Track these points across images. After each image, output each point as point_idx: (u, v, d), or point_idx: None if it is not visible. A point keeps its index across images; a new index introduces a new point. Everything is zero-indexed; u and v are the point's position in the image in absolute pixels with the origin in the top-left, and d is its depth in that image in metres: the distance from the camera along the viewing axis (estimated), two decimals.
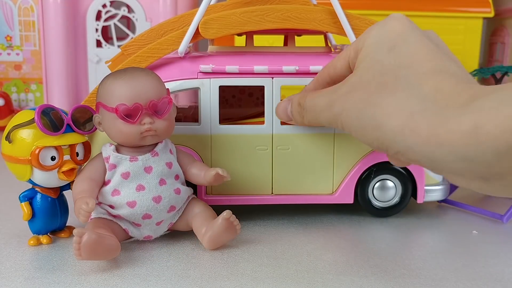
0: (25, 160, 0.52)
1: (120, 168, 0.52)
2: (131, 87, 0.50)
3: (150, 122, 0.50)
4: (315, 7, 0.63)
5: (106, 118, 0.52)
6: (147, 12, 1.19)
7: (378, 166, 0.63)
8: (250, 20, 0.60)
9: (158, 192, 0.52)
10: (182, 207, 0.56)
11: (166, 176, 0.53)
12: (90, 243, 0.47)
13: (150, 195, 0.52)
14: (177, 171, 0.55)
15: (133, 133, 0.50)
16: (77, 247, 0.47)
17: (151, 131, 0.51)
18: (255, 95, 0.84)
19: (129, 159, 0.52)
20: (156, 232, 0.55)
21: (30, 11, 1.26)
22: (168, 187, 0.53)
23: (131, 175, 0.52)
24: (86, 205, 0.48)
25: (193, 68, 0.60)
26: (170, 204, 0.53)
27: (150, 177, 0.52)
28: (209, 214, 0.55)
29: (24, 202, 0.55)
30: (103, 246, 0.48)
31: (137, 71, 0.52)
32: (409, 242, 0.59)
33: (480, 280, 0.50)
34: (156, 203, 0.52)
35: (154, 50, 0.60)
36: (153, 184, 0.52)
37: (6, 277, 0.48)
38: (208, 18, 0.60)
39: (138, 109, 0.50)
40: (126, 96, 0.50)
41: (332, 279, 0.49)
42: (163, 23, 0.67)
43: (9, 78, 1.28)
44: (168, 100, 0.52)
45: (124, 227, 0.54)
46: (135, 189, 0.52)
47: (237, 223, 0.53)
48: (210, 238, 0.53)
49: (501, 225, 0.65)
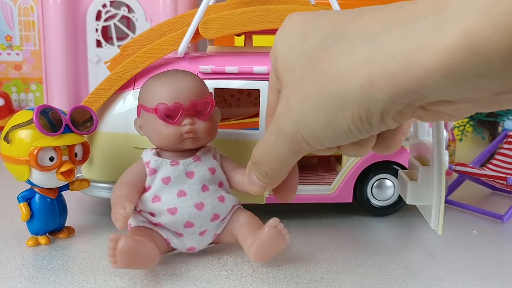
0: (24, 161, 0.52)
1: (160, 172, 0.50)
2: (171, 86, 0.49)
3: (191, 123, 0.48)
4: (314, 7, 0.63)
5: (146, 120, 0.50)
6: (147, 12, 1.19)
7: (376, 166, 0.63)
8: (249, 20, 0.60)
9: (200, 198, 0.49)
10: (227, 217, 0.52)
11: (209, 183, 0.50)
12: (126, 250, 0.43)
13: (192, 201, 0.49)
14: (220, 178, 0.52)
15: (173, 134, 0.48)
16: (112, 253, 0.43)
17: (191, 133, 0.48)
18: (254, 95, 0.84)
19: (170, 163, 0.50)
20: (200, 244, 0.51)
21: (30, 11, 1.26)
22: (211, 193, 0.50)
23: (172, 180, 0.49)
24: (124, 209, 0.45)
25: (192, 68, 0.60)
26: (214, 212, 0.50)
27: (192, 183, 0.50)
28: (256, 224, 0.51)
29: (22, 202, 0.54)
30: (141, 254, 0.45)
31: (179, 72, 0.51)
32: (409, 242, 0.58)
33: (480, 280, 0.50)
34: (198, 210, 0.49)
35: (154, 50, 0.60)
36: (195, 190, 0.49)
37: (6, 277, 0.48)
38: (207, 18, 0.60)
39: (178, 109, 0.48)
40: (167, 96, 0.48)
41: (332, 279, 0.49)
42: (163, 24, 0.67)
43: (9, 78, 1.28)
44: (210, 100, 0.49)
45: (165, 237, 0.50)
46: (176, 194, 0.49)
47: (286, 232, 0.48)
48: (257, 250, 0.48)
49: (501, 225, 0.65)
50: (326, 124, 0.32)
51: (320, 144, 0.34)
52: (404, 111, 0.30)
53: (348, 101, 0.30)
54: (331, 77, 0.31)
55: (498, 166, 0.77)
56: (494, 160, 0.79)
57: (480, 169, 0.73)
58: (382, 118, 0.31)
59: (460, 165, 0.72)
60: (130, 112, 0.61)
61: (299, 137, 0.34)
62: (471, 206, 0.69)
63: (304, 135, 0.34)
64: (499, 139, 0.80)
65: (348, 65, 0.30)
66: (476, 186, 0.78)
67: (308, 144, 0.35)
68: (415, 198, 0.51)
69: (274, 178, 0.40)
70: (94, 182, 0.62)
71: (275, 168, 0.39)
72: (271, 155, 0.38)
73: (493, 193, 0.78)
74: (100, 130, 0.61)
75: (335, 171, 0.70)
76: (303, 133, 0.34)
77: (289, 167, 0.39)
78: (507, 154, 0.78)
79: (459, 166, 0.72)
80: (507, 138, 0.80)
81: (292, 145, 0.36)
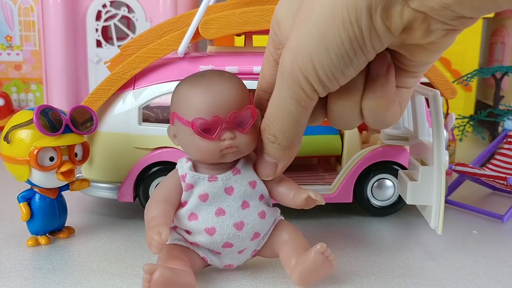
0: (24, 161, 0.52)
1: (197, 188, 0.46)
2: (209, 97, 0.43)
3: (231, 137, 0.43)
4: None
5: (181, 131, 0.45)
6: (147, 12, 1.19)
7: (376, 166, 0.63)
8: (249, 20, 0.60)
9: (241, 217, 0.46)
10: (268, 232, 0.49)
11: (249, 198, 0.46)
12: (162, 281, 0.42)
13: (231, 221, 0.46)
14: (261, 190, 0.47)
15: (212, 150, 0.44)
16: (147, 285, 0.42)
17: (232, 148, 0.44)
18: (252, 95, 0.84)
19: (208, 179, 0.46)
20: (238, 261, 0.49)
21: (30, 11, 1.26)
22: (251, 210, 0.46)
23: (210, 197, 0.46)
24: (159, 235, 0.41)
25: (192, 68, 0.60)
26: (254, 231, 0.46)
27: (232, 200, 0.46)
28: (299, 243, 0.48)
29: (22, 202, 0.54)
30: (178, 283, 0.43)
31: (216, 76, 0.45)
32: (409, 242, 0.58)
33: (480, 280, 0.50)
34: (238, 230, 0.46)
35: (154, 50, 0.60)
36: (235, 207, 0.46)
37: (6, 277, 0.48)
38: (207, 18, 0.60)
39: (217, 124, 0.43)
40: (204, 109, 0.43)
41: (332, 279, 0.49)
42: (163, 24, 0.67)
43: (9, 78, 1.28)
44: (251, 110, 0.44)
45: (202, 255, 0.48)
46: (215, 213, 0.46)
47: (333, 258, 0.45)
48: (302, 275, 0.45)
49: (501, 225, 0.65)
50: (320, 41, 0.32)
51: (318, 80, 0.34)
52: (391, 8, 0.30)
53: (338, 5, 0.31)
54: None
55: (498, 166, 0.77)
56: (494, 160, 0.79)
57: (480, 169, 0.73)
58: (370, 18, 0.31)
59: (460, 165, 0.72)
60: (130, 112, 0.61)
61: (297, 72, 0.35)
62: (471, 206, 0.69)
63: (301, 65, 0.34)
64: (499, 139, 0.80)
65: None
66: (476, 186, 0.78)
67: (305, 79, 0.35)
68: (415, 198, 0.51)
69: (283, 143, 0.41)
70: (94, 182, 0.62)
71: (283, 128, 0.39)
72: (277, 110, 0.38)
73: (493, 193, 0.78)
74: (100, 130, 0.61)
75: (335, 171, 0.70)
76: (300, 62, 0.34)
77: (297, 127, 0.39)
78: (507, 154, 0.78)
79: (459, 166, 0.72)
80: (507, 138, 0.80)
81: (293, 86, 0.36)
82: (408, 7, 0.30)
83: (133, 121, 0.61)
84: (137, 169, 0.61)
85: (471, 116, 1.11)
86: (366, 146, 0.66)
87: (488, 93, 1.23)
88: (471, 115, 1.11)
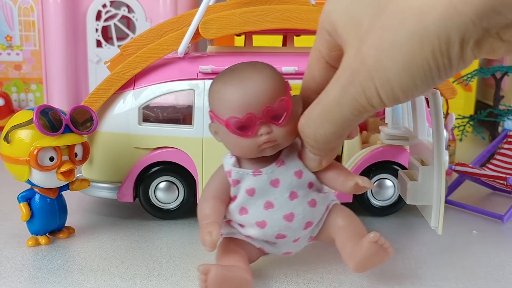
0: (24, 161, 0.52)
1: (244, 183, 0.46)
2: (241, 93, 0.42)
3: (268, 132, 0.43)
4: (315, 7, 0.63)
5: (219, 128, 0.45)
6: (147, 12, 1.19)
7: (376, 166, 0.63)
8: (249, 20, 0.60)
9: (290, 208, 0.45)
10: (322, 219, 0.48)
11: (297, 188, 0.45)
12: (217, 280, 0.42)
13: (281, 213, 0.45)
14: (309, 178, 0.46)
15: (250, 146, 0.43)
16: (204, 285, 0.42)
17: (270, 142, 0.43)
18: None
19: (252, 174, 0.45)
20: (296, 248, 0.49)
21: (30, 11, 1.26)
22: (300, 200, 0.46)
23: (257, 191, 0.45)
24: (210, 235, 0.42)
25: (192, 68, 0.60)
26: (305, 221, 0.46)
27: (279, 192, 0.45)
28: (355, 229, 0.47)
29: (22, 202, 0.54)
30: (233, 281, 0.43)
31: (248, 70, 0.44)
32: (409, 242, 0.58)
33: (480, 280, 0.50)
34: (289, 222, 0.45)
35: (154, 50, 0.60)
36: (283, 199, 0.45)
37: (6, 277, 0.48)
38: (208, 18, 0.60)
39: (251, 120, 0.42)
40: (237, 106, 0.42)
41: (332, 279, 0.49)
42: (163, 24, 0.67)
43: (9, 78, 1.28)
44: (285, 102, 0.43)
45: (258, 246, 0.48)
46: (263, 207, 0.45)
47: (388, 245, 0.44)
48: (358, 264, 0.45)
49: (501, 225, 0.65)
50: (404, 66, 0.31)
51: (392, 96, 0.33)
52: (482, 40, 0.30)
53: (428, 34, 0.30)
54: (408, 14, 0.30)
55: (498, 166, 0.77)
56: (494, 160, 0.79)
57: (480, 169, 0.73)
58: (462, 50, 0.30)
59: (460, 165, 0.72)
60: (130, 112, 0.61)
61: (372, 89, 0.33)
62: (471, 206, 0.69)
63: (378, 86, 0.33)
64: (499, 139, 0.80)
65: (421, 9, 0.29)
66: (476, 186, 0.78)
67: (379, 98, 0.33)
68: (415, 198, 0.51)
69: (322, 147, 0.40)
70: (94, 182, 0.62)
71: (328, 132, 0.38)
72: (329, 114, 0.37)
73: (493, 193, 0.78)
74: (100, 130, 0.62)
75: None
76: (378, 83, 0.33)
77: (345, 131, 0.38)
78: (507, 154, 0.78)
79: (459, 166, 0.72)
80: (507, 138, 0.80)
81: (361, 99, 0.34)
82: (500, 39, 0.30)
83: (133, 121, 0.61)
84: (137, 169, 0.61)
85: (471, 116, 1.11)
86: (366, 146, 0.66)
87: (488, 93, 1.23)
88: (471, 115, 1.11)
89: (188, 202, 0.63)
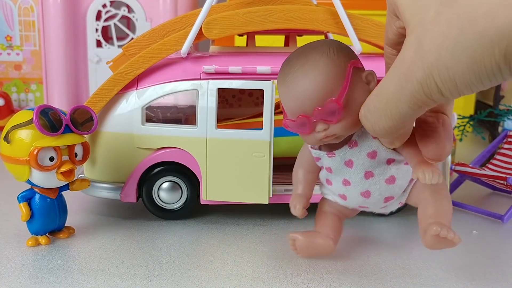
0: (24, 161, 0.52)
1: (323, 161, 0.48)
2: (292, 97, 0.43)
3: (324, 128, 0.43)
4: (317, 7, 0.63)
5: None
6: (147, 12, 1.19)
7: None
8: (253, 20, 0.60)
9: (365, 187, 0.47)
10: (407, 189, 0.49)
11: (371, 167, 0.46)
12: (302, 246, 0.50)
13: (358, 190, 0.47)
14: (386, 156, 0.46)
15: (313, 141, 0.45)
16: (293, 248, 0.50)
17: (329, 137, 0.44)
18: (255, 95, 0.84)
19: (327, 155, 0.47)
20: (388, 209, 0.51)
21: (30, 11, 1.26)
22: (376, 179, 0.47)
23: (333, 170, 0.48)
24: (294, 208, 0.49)
25: (196, 68, 0.60)
26: (384, 197, 0.48)
27: (353, 172, 0.47)
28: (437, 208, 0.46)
29: (22, 202, 0.54)
30: (317, 246, 0.50)
31: (298, 71, 0.43)
32: (409, 242, 0.58)
33: (480, 280, 0.50)
34: (366, 198, 0.48)
35: (157, 50, 0.60)
36: (358, 178, 0.47)
37: (6, 277, 0.48)
38: (211, 18, 0.60)
39: (304, 121, 0.43)
40: (289, 109, 0.44)
41: (332, 279, 0.49)
42: (165, 24, 0.67)
43: (9, 78, 1.27)
44: (335, 102, 0.42)
45: (351, 207, 0.51)
46: (342, 183, 0.48)
47: (452, 236, 0.43)
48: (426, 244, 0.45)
49: (501, 225, 0.65)
50: (470, 67, 0.29)
51: (456, 92, 0.31)
52: None
53: (501, 38, 0.27)
54: (479, 12, 0.28)
55: (498, 166, 0.77)
56: (494, 160, 0.79)
57: (480, 169, 0.73)
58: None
59: (460, 165, 0.72)
60: (133, 112, 0.61)
61: (432, 85, 0.31)
62: (471, 206, 0.69)
63: (439, 82, 0.31)
64: (499, 139, 0.80)
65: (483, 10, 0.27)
66: (476, 186, 0.78)
67: (440, 94, 0.31)
68: None
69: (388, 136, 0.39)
70: (97, 182, 0.62)
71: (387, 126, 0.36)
72: (387, 108, 0.35)
73: (493, 193, 0.78)
74: (103, 130, 0.61)
75: None
76: (439, 80, 0.31)
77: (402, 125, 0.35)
78: (507, 154, 0.78)
79: (459, 166, 0.72)
80: (507, 138, 0.80)
81: (420, 95, 0.32)
82: None
83: (136, 121, 0.61)
84: (140, 170, 0.61)
85: (471, 116, 1.11)
86: None
87: (488, 93, 1.23)
88: (471, 115, 1.11)
89: (192, 202, 0.63)
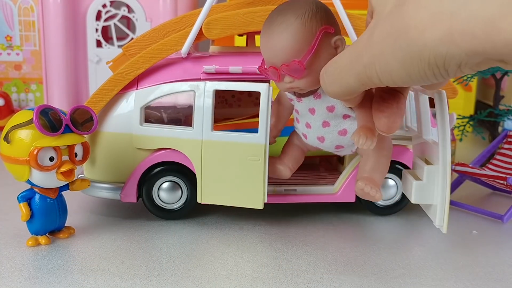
0: (24, 161, 0.52)
1: (294, 103, 0.55)
2: (266, 49, 0.49)
3: (290, 81, 0.49)
4: None
5: None
6: (147, 12, 1.19)
7: None
8: (253, 20, 0.60)
9: (321, 133, 0.54)
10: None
11: (329, 119, 0.53)
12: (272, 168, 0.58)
13: (315, 134, 0.55)
14: (342, 111, 0.53)
15: (283, 88, 0.50)
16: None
17: (294, 88, 0.50)
18: (254, 95, 0.84)
19: (296, 100, 0.54)
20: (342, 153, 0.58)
21: (30, 11, 1.26)
22: (331, 129, 0.54)
23: (300, 112, 0.55)
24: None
25: (196, 69, 0.60)
26: (335, 144, 0.55)
27: (314, 118, 0.54)
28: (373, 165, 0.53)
29: (22, 202, 0.54)
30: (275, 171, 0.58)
31: (275, 28, 0.49)
32: (409, 242, 0.58)
33: (480, 280, 0.50)
34: (321, 142, 0.55)
35: (157, 50, 0.60)
36: (317, 125, 0.54)
37: (6, 277, 0.48)
38: (211, 18, 0.60)
39: (274, 72, 0.49)
40: (265, 57, 0.50)
41: (332, 279, 0.49)
42: (165, 24, 0.67)
43: (9, 78, 1.27)
44: (298, 64, 0.47)
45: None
46: (305, 125, 0.55)
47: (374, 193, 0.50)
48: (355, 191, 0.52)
49: (501, 225, 0.65)
50: (403, 66, 0.33)
51: (391, 82, 0.35)
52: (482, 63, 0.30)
53: (426, 50, 0.30)
54: (412, 24, 0.31)
55: (498, 166, 0.77)
56: (494, 160, 0.79)
57: (480, 169, 0.73)
58: (459, 68, 0.31)
59: (460, 165, 0.72)
60: (133, 113, 0.61)
61: (373, 72, 0.35)
62: (471, 206, 0.69)
63: (379, 72, 0.35)
64: (499, 139, 0.80)
65: (431, 14, 0.30)
66: (476, 186, 0.78)
67: (379, 80, 0.35)
68: (420, 197, 0.51)
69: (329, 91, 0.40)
70: (96, 182, 0.62)
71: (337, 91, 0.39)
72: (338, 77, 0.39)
73: (493, 193, 0.78)
74: (103, 130, 0.61)
75: (337, 170, 0.70)
76: (378, 69, 0.35)
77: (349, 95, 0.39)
78: (507, 154, 0.78)
79: (459, 166, 0.72)
80: (507, 138, 0.80)
81: (363, 76, 0.36)
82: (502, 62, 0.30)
83: (135, 122, 0.61)
84: (140, 170, 0.61)
85: (471, 116, 1.11)
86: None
87: (488, 93, 1.23)
88: (471, 115, 1.11)
89: (192, 202, 0.63)
